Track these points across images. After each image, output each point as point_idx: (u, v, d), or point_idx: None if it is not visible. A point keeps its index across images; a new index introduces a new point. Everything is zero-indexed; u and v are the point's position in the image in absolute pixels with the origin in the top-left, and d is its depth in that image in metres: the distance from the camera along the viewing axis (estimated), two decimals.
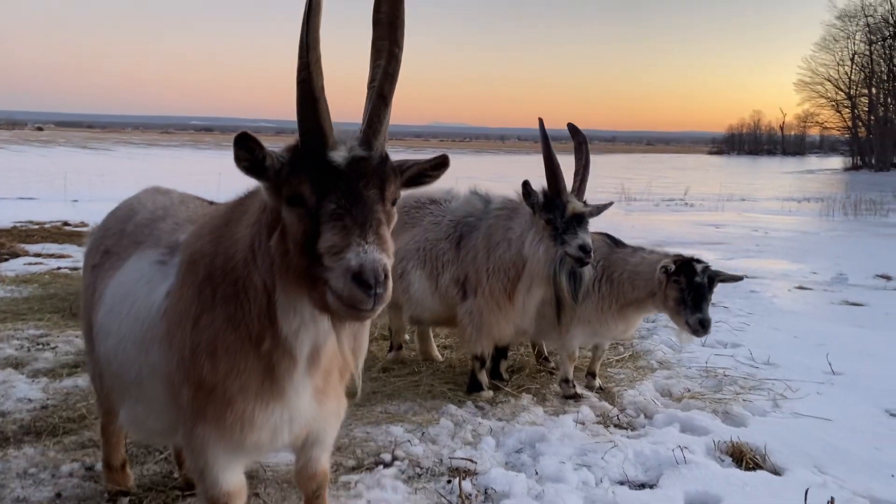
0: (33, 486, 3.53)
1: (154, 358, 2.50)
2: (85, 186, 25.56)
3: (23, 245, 11.98)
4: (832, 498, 3.16)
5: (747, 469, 3.89)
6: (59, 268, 10.05)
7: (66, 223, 15.90)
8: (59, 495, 3.44)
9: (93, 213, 17.71)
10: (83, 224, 15.80)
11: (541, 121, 4.89)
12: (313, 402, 2.45)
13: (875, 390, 5.26)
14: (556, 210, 4.48)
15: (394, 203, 2.06)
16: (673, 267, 4.59)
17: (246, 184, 2.14)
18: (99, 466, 3.61)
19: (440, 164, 2.22)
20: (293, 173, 1.98)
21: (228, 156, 2.02)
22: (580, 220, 4.46)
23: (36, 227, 14.96)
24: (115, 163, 46.93)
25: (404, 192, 2.19)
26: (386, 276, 1.81)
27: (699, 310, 4.51)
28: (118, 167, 40.46)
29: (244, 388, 2.30)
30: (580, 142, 4.91)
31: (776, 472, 3.88)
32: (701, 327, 4.50)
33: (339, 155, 1.96)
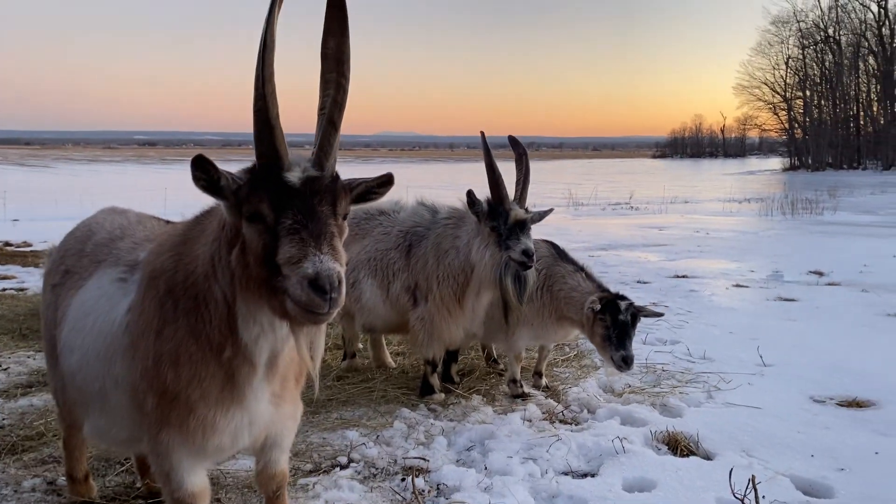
0: None
1: (118, 370, 2.64)
2: (25, 205, 25.02)
3: None
4: (752, 476, 3.44)
5: (681, 456, 4.17)
6: (3, 289, 9.90)
7: (7, 243, 15.56)
8: None
9: (35, 233, 17.41)
10: (26, 244, 15.50)
11: (482, 134, 5.14)
12: (271, 406, 2.62)
13: (802, 379, 5.61)
14: (499, 218, 4.71)
15: (345, 217, 2.25)
16: (598, 306, 4.80)
17: (195, 197, 2.31)
18: (61, 481, 3.70)
19: (385, 182, 2.42)
20: (252, 192, 2.16)
21: (173, 170, 2.21)
22: (523, 226, 4.70)
23: None
24: (56, 180, 45.87)
25: (354, 207, 2.39)
26: (340, 282, 2.00)
27: (622, 347, 4.73)
28: (60, 184, 39.59)
29: (206, 395, 2.46)
30: (520, 153, 5.16)
31: (708, 457, 4.17)
32: (624, 363, 4.72)
33: (294, 175, 2.14)
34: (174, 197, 26.28)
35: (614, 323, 4.74)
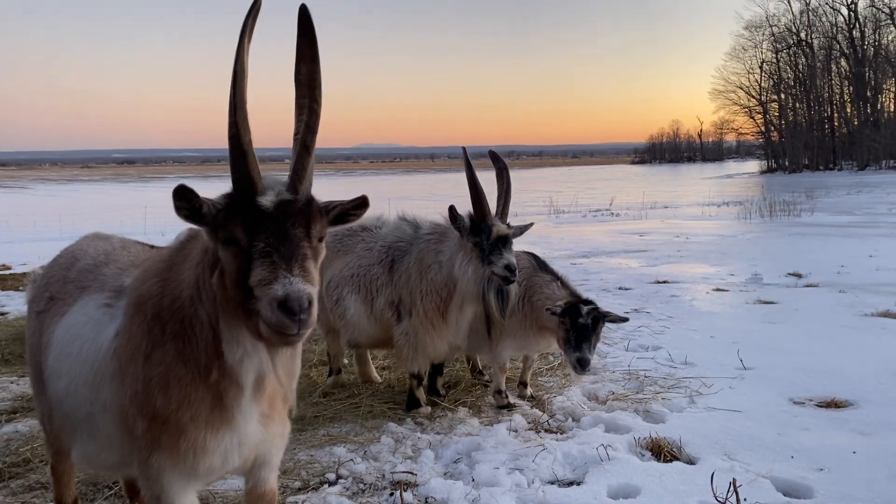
0: None
1: (106, 395, 2.66)
2: (3, 228, 24.81)
3: None
4: (734, 479, 3.51)
5: (665, 461, 4.25)
6: None
7: None
8: None
9: (14, 255, 17.27)
10: (5, 267, 15.36)
11: (464, 150, 5.25)
12: (260, 426, 2.65)
13: (781, 381, 5.71)
14: (482, 233, 4.78)
15: (321, 240, 2.29)
16: (558, 310, 4.88)
17: (175, 217, 2.36)
18: None
19: (361, 205, 2.47)
20: (228, 217, 2.20)
21: (153, 188, 2.25)
22: (505, 241, 4.78)
23: None
24: (34, 201, 45.45)
25: (332, 229, 2.44)
26: (310, 304, 2.04)
27: (579, 349, 4.78)
28: (38, 205, 39.24)
29: (195, 417, 2.48)
30: (500, 168, 5.22)
31: (691, 461, 4.25)
32: (579, 365, 4.77)
33: (267, 199, 2.19)
34: (154, 215, 26.17)
35: (574, 326, 4.81)
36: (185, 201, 2.18)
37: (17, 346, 7.61)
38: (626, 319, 5.13)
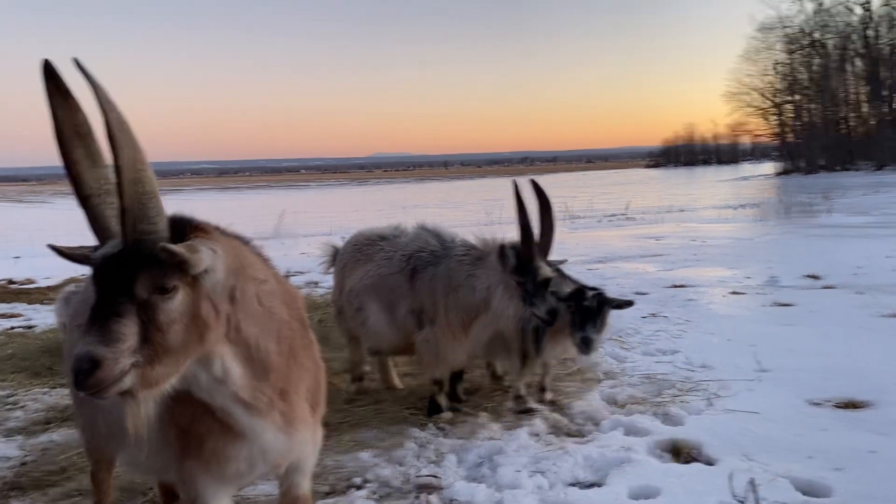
0: None
1: None
2: (26, 242, 25.17)
3: None
4: (752, 478, 3.59)
5: (684, 463, 4.32)
6: (12, 328, 10.03)
7: (10, 281, 15.66)
8: None
9: (38, 269, 17.53)
10: (29, 281, 15.62)
11: (514, 184, 5.05)
12: (281, 434, 2.70)
13: (799, 383, 5.76)
14: (528, 274, 4.85)
15: (162, 291, 2.08)
16: (564, 295, 5.04)
17: None
18: None
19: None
20: None
21: (170, 201, 2.26)
22: (547, 284, 4.89)
23: None
24: (56, 215, 46.02)
25: (356, 230, 2.48)
26: (96, 366, 1.96)
27: (583, 329, 4.94)
28: (60, 220, 39.74)
29: (210, 430, 2.58)
30: (545, 204, 5.14)
31: (710, 462, 4.32)
32: (583, 344, 4.92)
33: (98, 252, 2.13)
34: None
35: (578, 308, 4.97)
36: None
37: (46, 359, 7.79)
38: (631, 303, 5.27)
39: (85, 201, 2.15)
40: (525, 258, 4.90)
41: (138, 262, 2.06)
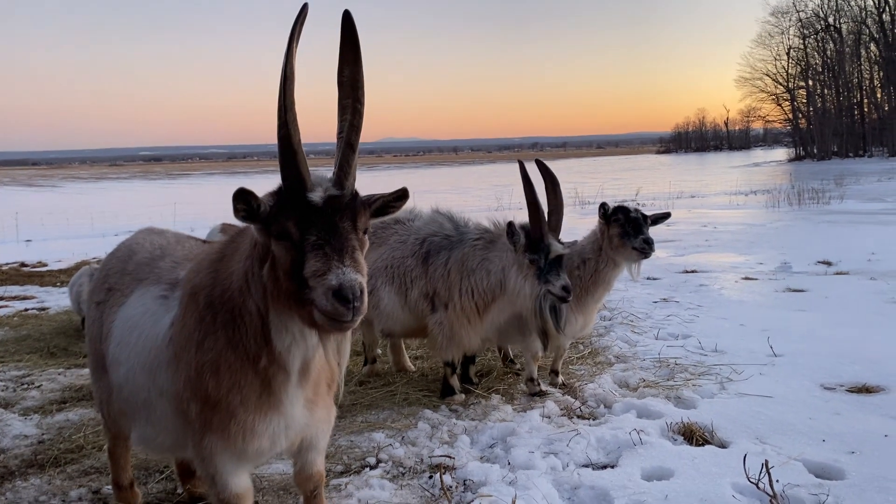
0: None
1: (162, 380, 2.82)
2: (37, 226, 25.35)
3: None
4: (766, 461, 3.59)
5: (697, 445, 4.32)
6: (25, 309, 10.14)
7: (23, 264, 15.82)
8: None
9: (49, 252, 17.68)
10: (41, 264, 15.76)
11: (521, 164, 5.21)
12: (305, 410, 2.78)
13: (812, 368, 5.74)
14: (540, 251, 4.87)
15: (365, 232, 2.42)
16: (611, 207, 5.44)
17: (202, 212, 2.45)
18: (105, 489, 3.90)
19: (401, 196, 2.58)
20: (280, 213, 2.32)
21: (180, 184, 2.34)
22: (560, 260, 4.89)
23: None
24: (65, 199, 46.29)
25: (373, 220, 2.56)
26: (362, 292, 2.17)
27: (640, 232, 5.32)
28: (70, 203, 39.96)
29: (245, 401, 2.63)
30: (553, 182, 5.21)
31: (722, 445, 4.32)
32: (646, 245, 5.29)
33: (316, 195, 2.31)
34: (182, 211, 26.56)
35: (627, 220, 5.36)
36: (245, 203, 2.30)
37: (61, 340, 7.88)
38: (668, 215, 5.72)
39: (297, 146, 2.35)
40: (536, 236, 4.91)
41: (358, 206, 2.38)
